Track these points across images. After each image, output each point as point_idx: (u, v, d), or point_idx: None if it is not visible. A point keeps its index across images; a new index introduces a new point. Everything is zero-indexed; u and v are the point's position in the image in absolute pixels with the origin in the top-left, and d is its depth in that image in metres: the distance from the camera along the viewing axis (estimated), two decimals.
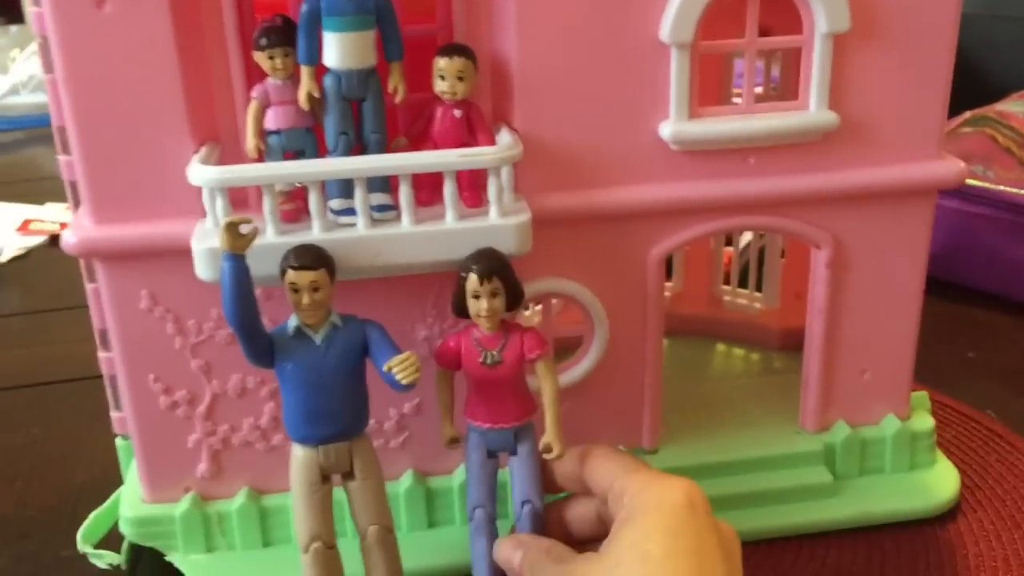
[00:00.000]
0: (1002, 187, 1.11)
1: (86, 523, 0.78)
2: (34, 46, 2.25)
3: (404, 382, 0.60)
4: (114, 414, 0.79)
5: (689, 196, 0.71)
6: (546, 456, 0.65)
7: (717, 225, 0.73)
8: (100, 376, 0.77)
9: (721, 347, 0.99)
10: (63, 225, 1.47)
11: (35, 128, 2.11)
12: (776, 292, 0.96)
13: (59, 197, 1.59)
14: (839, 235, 0.73)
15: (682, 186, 0.71)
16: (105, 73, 0.64)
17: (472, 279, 0.63)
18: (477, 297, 0.63)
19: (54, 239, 1.44)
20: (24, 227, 1.47)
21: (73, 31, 0.62)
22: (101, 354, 0.76)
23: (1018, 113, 1.33)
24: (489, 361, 0.64)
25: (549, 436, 0.65)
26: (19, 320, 1.22)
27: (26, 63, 2.20)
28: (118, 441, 0.81)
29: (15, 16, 2.66)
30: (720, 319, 0.99)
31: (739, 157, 0.71)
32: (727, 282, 1.00)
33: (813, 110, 0.69)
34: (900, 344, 0.78)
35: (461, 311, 0.64)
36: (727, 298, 0.99)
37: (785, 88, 0.86)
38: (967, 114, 1.34)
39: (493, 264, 0.63)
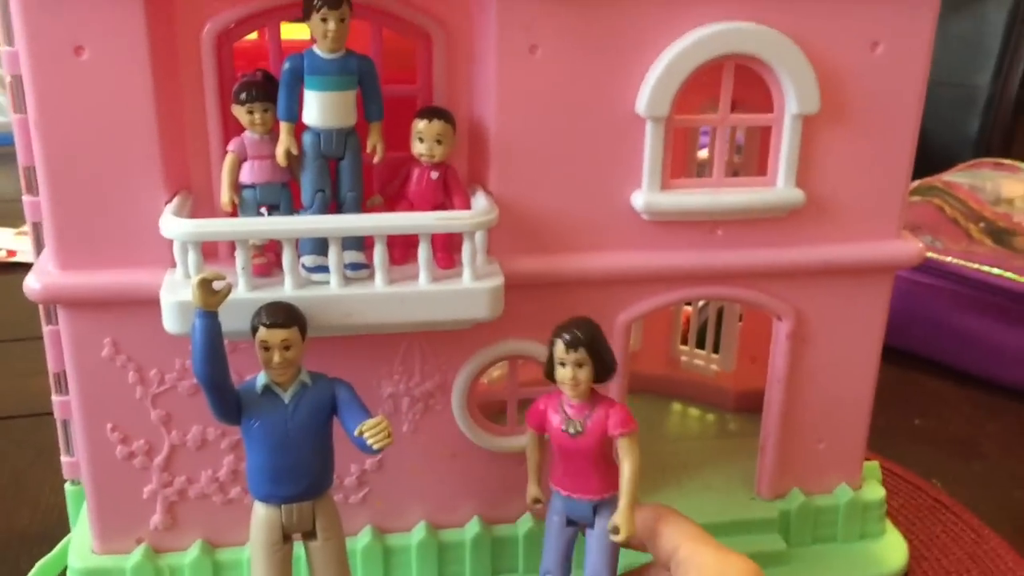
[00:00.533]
0: (950, 259, 1.15)
1: (32, 573, 0.76)
2: None
3: (375, 447, 0.59)
4: (65, 459, 0.77)
5: (658, 265, 0.72)
6: (612, 537, 0.63)
7: (684, 294, 0.74)
8: (47, 414, 0.75)
9: (677, 407, 1.00)
10: (11, 252, 1.43)
11: None
12: (733, 355, 0.97)
13: (7, 222, 1.56)
14: (800, 307, 0.75)
15: (651, 255, 0.72)
16: (80, 118, 0.63)
17: (559, 346, 0.62)
18: (563, 365, 0.63)
19: (2, 266, 1.41)
20: None
21: (50, 76, 0.62)
22: (55, 397, 0.74)
23: (964, 184, 1.38)
24: (572, 431, 0.64)
25: (619, 517, 0.63)
26: None
27: None
28: (67, 486, 0.79)
29: None
30: (677, 379, 1.00)
31: (707, 229, 0.72)
32: (685, 342, 1.02)
33: (780, 187, 0.71)
34: (855, 416, 0.80)
35: (549, 375, 0.64)
36: (684, 358, 1.01)
37: (749, 156, 0.88)
38: (915, 183, 1.38)
39: (581, 335, 0.62)
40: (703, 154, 0.98)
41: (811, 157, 0.71)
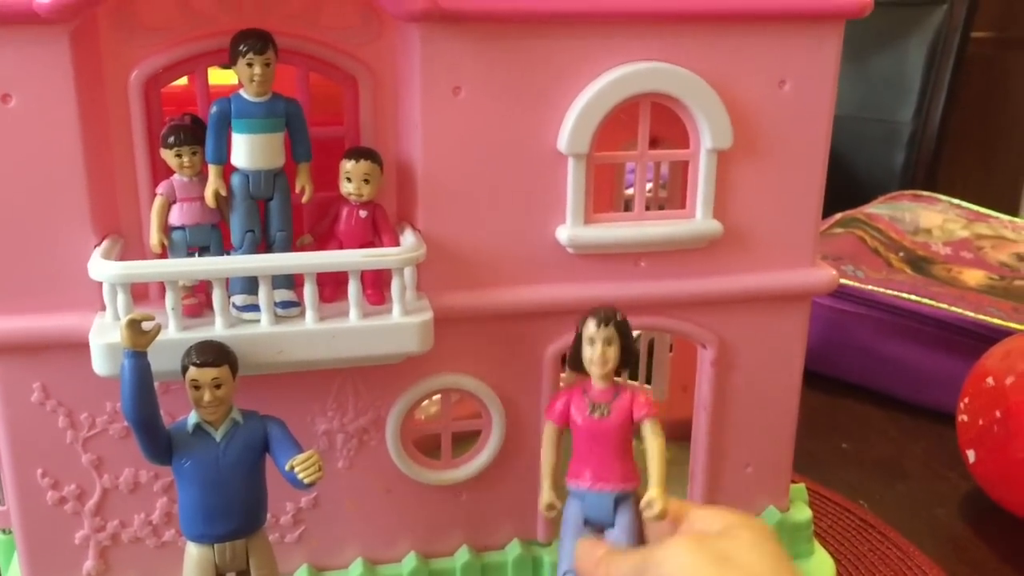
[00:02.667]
0: (871, 287, 1.19)
1: None
2: None
3: (307, 481, 0.60)
4: None
5: (584, 296, 0.74)
6: (647, 514, 0.64)
7: None
8: None
9: None
10: None
11: None
12: (665, 385, 1.00)
13: None
14: (723, 335, 0.78)
15: (577, 287, 0.74)
16: (7, 165, 0.63)
17: (590, 324, 0.66)
18: (592, 343, 0.65)
19: None
20: None
21: None
22: None
23: (884, 216, 1.43)
24: (598, 414, 0.66)
25: (653, 491, 0.64)
26: None
27: None
28: (0, 536, 0.78)
29: None
30: None
31: (631, 261, 0.75)
32: (618, 374, 1.03)
33: (699, 219, 0.74)
34: (780, 439, 0.82)
35: (574, 362, 0.67)
36: None
37: (672, 190, 0.91)
38: (838, 215, 1.43)
39: (612, 314, 0.66)
40: (631, 192, 1.00)
41: (727, 190, 0.74)
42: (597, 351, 0.66)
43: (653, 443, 0.66)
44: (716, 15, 0.70)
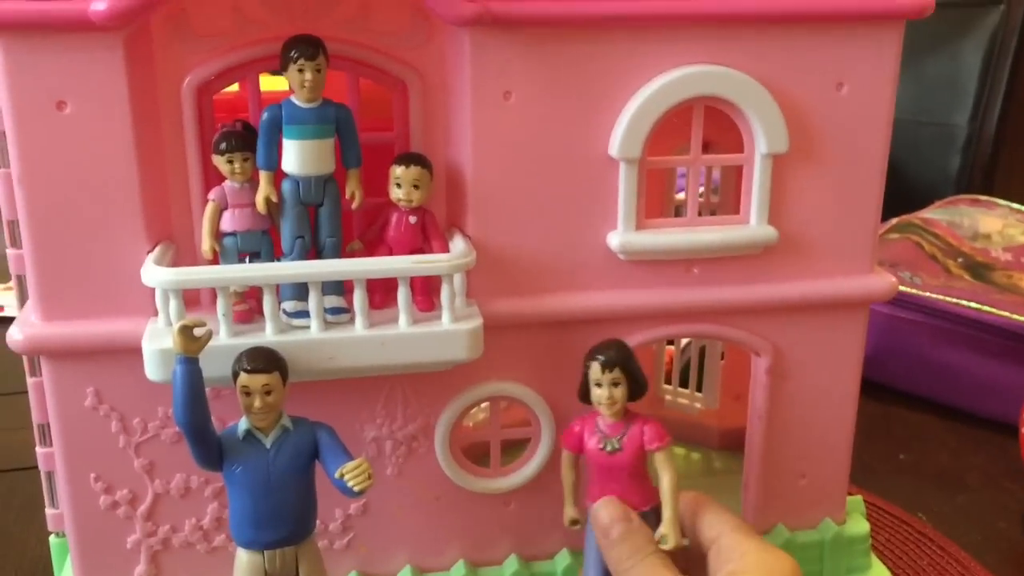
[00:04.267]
0: (928, 294, 1.16)
1: None
2: None
3: (356, 489, 0.60)
4: (49, 511, 0.77)
5: (635, 304, 0.73)
6: (661, 546, 0.65)
7: (662, 332, 0.75)
8: (31, 468, 0.75)
9: None
10: None
11: None
12: (716, 393, 0.98)
13: None
14: (778, 343, 0.76)
15: (628, 294, 0.73)
16: (63, 172, 0.64)
17: (595, 368, 0.66)
18: (599, 385, 0.66)
19: None
20: None
21: (33, 131, 0.63)
22: (39, 449, 0.74)
23: (942, 221, 1.40)
24: (609, 448, 0.67)
25: (666, 527, 0.65)
26: None
27: None
28: (52, 539, 0.79)
29: None
30: (661, 417, 0.99)
31: (683, 267, 0.73)
32: (668, 381, 1.02)
33: (753, 225, 0.72)
34: (836, 450, 0.80)
35: (584, 397, 0.68)
36: (668, 397, 1.01)
37: (725, 195, 0.90)
38: (894, 220, 1.40)
39: (616, 355, 0.66)
40: (681, 196, 0.99)
41: (782, 195, 0.72)
42: (604, 393, 0.66)
43: (665, 476, 0.66)
44: (771, 17, 0.68)
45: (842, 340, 0.77)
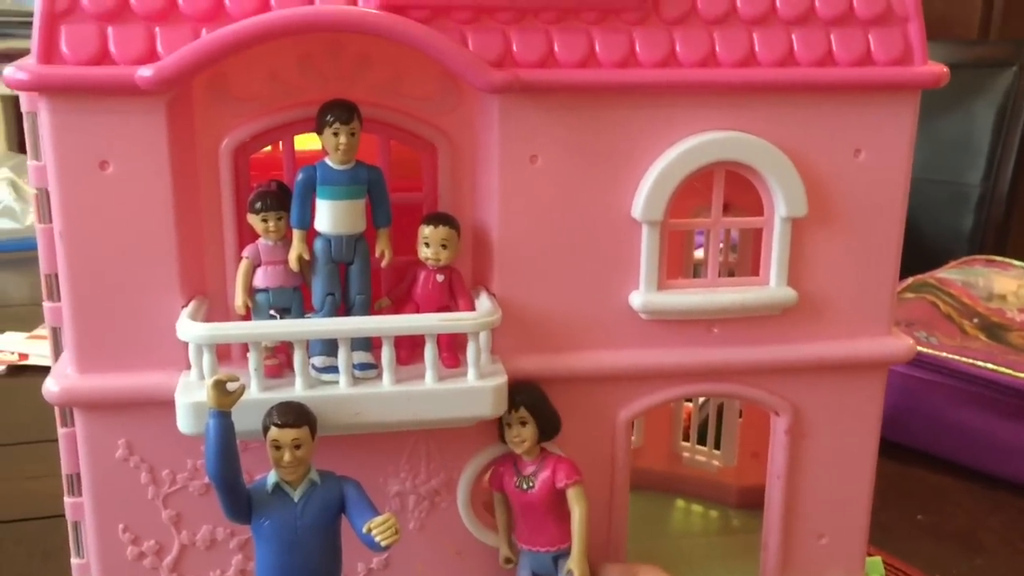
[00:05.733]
0: (945, 354, 1.17)
1: None
2: (3, 172, 2.27)
3: (383, 544, 0.61)
4: (75, 560, 0.78)
5: (656, 362, 0.74)
6: None
7: (683, 390, 0.76)
8: (56, 516, 0.76)
9: (680, 503, 1.00)
10: (22, 356, 1.46)
11: None
12: (734, 451, 0.98)
13: (19, 326, 1.58)
14: (797, 404, 0.77)
15: (650, 352, 0.74)
16: (103, 229, 0.66)
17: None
18: (509, 426, 0.70)
19: (13, 369, 1.43)
20: None
21: (76, 189, 0.65)
22: (68, 499, 0.75)
23: (957, 281, 1.40)
24: (524, 486, 0.71)
25: (572, 561, 0.70)
26: None
27: None
28: None
29: None
30: (679, 475, 1.01)
31: (704, 327, 0.75)
32: (686, 439, 1.03)
33: (773, 287, 0.74)
34: (856, 510, 0.81)
35: (502, 436, 0.71)
36: (686, 455, 1.02)
37: (743, 255, 0.91)
38: (909, 280, 1.41)
39: (523, 396, 0.69)
40: (699, 254, 1.01)
41: (802, 257, 0.74)
42: (513, 433, 0.70)
43: (575, 510, 0.70)
44: (791, 86, 0.70)
45: (861, 401, 0.78)
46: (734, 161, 0.71)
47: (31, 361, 1.44)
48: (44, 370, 1.33)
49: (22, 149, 2.56)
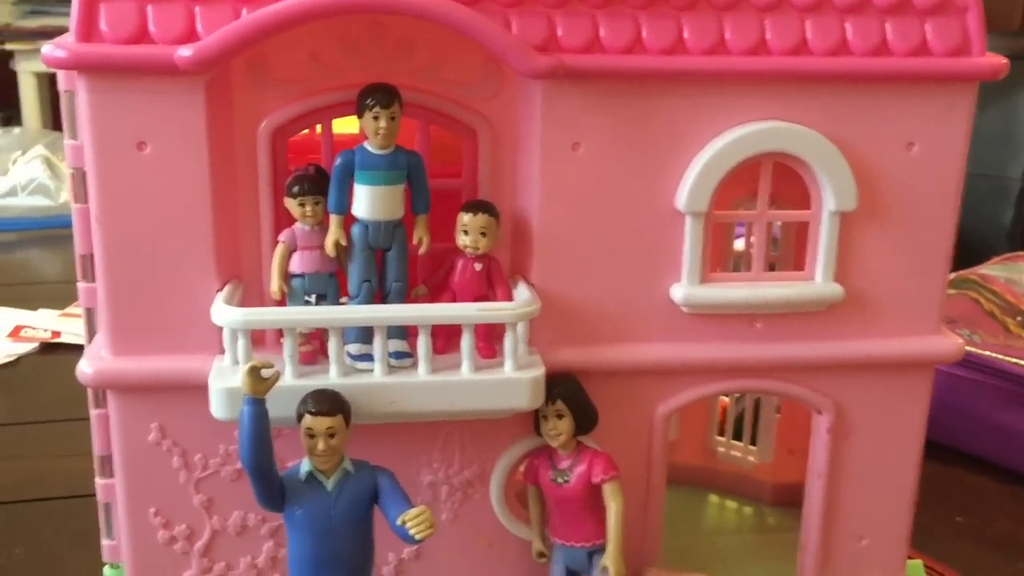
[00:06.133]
0: (988, 352, 1.14)
1: None
2: (37, 150, 2.28)
3: (418, 537, 0.60)
4: (105, 542, 0.78)
5: (696, 357, 0.73)
6: None
7: (723, 386, 0.74)
8: (86, 496, 0.76)
9: (714, 499, 0.99)
10: (55, 333, 1.46)
11: (28, 230, 2.12)
12: (770, 447, 0.97)
13: (52, 303, 1.59)
14: (840, 402, 0.75)
15: (690, 347, 0.73)
16: (139, 210, 0.65)
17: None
18: (545, 419, 0.68)
19: (45, 347, 1.44)
20: (15, 333, 1.46)
21: (113, 169, 0.64)
22: (99, 480, 0.75)
23: (1000, 277, 1.37)
24: (559, 480, 0.69)
25: (608, 558, 0.68)
26: (4, 432, 1.20)
27: (27, 166, 2.22)
28: (106, 570, 0.79)
29: (15, 117, 2.71)
30: (713, 470, 1.00)
31: (746, 322, 0.73)
32: (722, 433, 1.01)
33: (819, 282, 0.72)
34: (897, 512, 0.79)
35: (537, 429, 0.70)
36: (721, 450, 1.00)
37: (786, 249, 0.89)
38: (951, 276, 1.38)
39: (560, 389, 0.68)
40: (738, 245, 0.99)
41: (849, 252, 0.72)
42: (549, 425, 0.69)
43: (611, 506, 0.69)
44: (844, 76, 0.68)
45: (906, 400, 0.76)
46: (783, 152, 0.69)
47: (63, 339, 1.45)
48: (76, 348, 1.35)
49: (56, 127, 2.58)
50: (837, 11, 0.68)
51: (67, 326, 1.48)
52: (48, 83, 2.69)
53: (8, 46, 2.65)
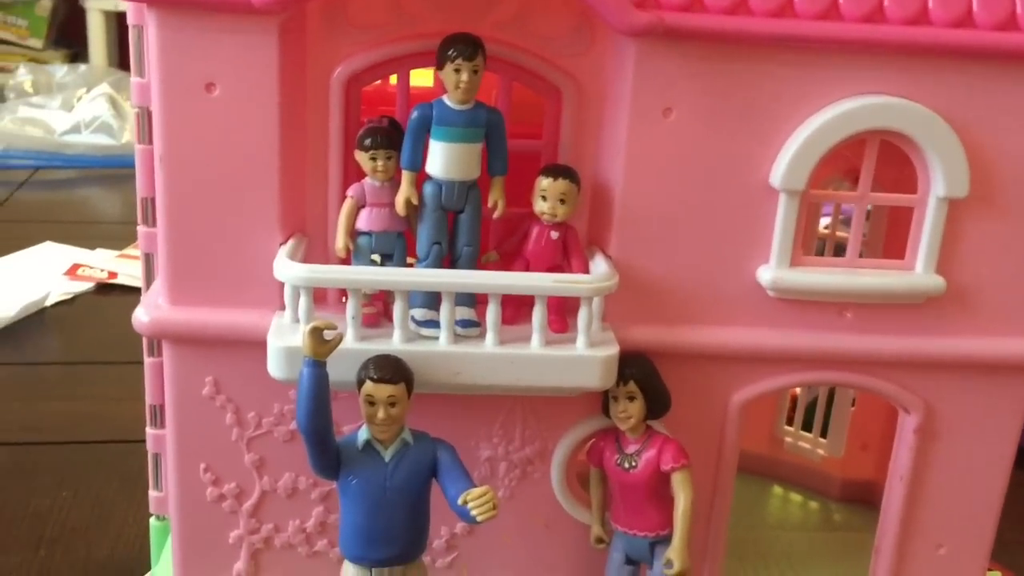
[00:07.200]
0: None
1: None
2: (102, 88, 2.28)
3: (480, 519, 0.56)
4: (153, 493, 0.76)
5: (780, 344, 0.68)
6: (666, 571, 0.65)
7: (806, 377, 0.70)
8: (136, 441, 0.74)
9: (778, 490, 0.95)
10: (112, 274, 1.46)
11: (90, 168, 2.12)
12: (842, 441, 0.92)
13: (110, 243, 1.59)
14: (931, 402, 0.70)
15: (774, 333, 0.68)
16: (205, 155, 0.62)
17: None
18: (615, 399, 0.65)
19: (101, 287, 1.43)
20: (72, 272, 1.46)
21: (180, 110, 0.61)
22: (149, 430, 0.73)
23: None
24: (626, 465, 0.66)
25: (673, 551, 0.65)
26: (57, 370, 1.20)
27: (91, 104, 2.22)
28: (152, 521, 0.78)
29: (82, 55, 2.71)
30: (779, 460, 0.96)
31: (836, 310, 0.68)
32: (790, 423, 0.97)
33: (919, 272, 0.67)
34: (981, 522, 0.74)
35: (606, 411, 0.67)
36: (788, 439, 0.96)
37: (875, 235, 0.84)
38: None
39: (633, 370, 0.64)
40: (824, 225, 0.94)
41: (955, 243, 0.67)
42: (619, 407, 0.65)
43: (680, 497, 0.65)
44: (965, 50, 0.63)
45: (1002, 405, 0.71)
46: (892, 130, 0.64)
47: (120, 280, 1.44)
48: (132, 290, 1.34)
49: (122, 66, 2.58)
50: None
51: (124, 267, 1.47)
52: (116, 22, 2.68)
53: None
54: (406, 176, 0.63)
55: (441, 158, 0.62)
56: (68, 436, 1.04)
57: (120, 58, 2.70)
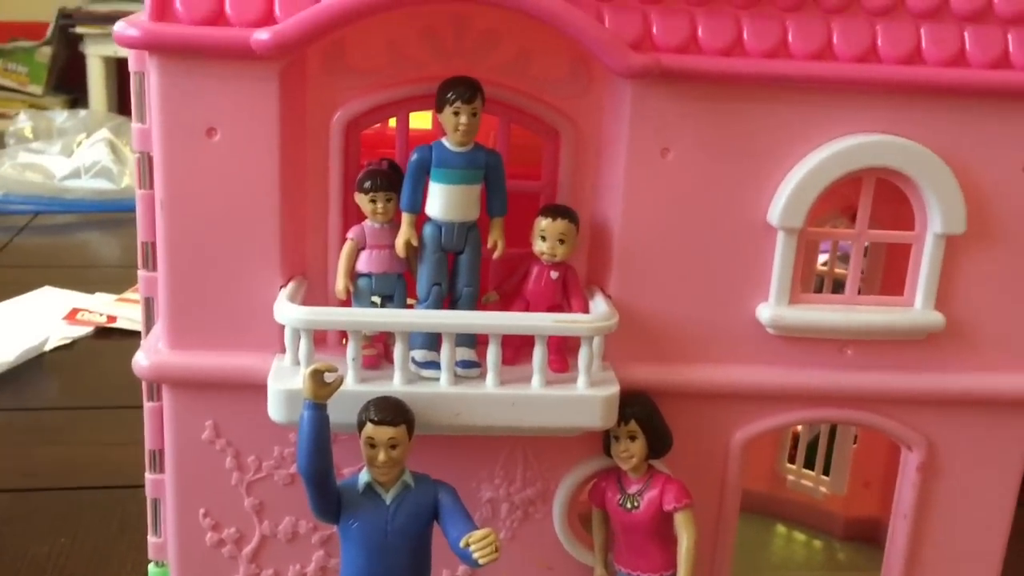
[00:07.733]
0: None
1: None
2: (102, 133, 2.29)
3: (482, 562, 0.56)
4: (152, 538, 0.75)
5: (780, 382, 0.68)
6: None
7: (806, 414, 0.70)
8: (135, 487, 0.73)
9: (781, 529, 0.94)
10: (111, 318, 1.45)
11: (89, 213, 2.12)
12: (844, 478, 0.91)
13: (109, 287, 1.58)
14: (933, 439, 0.70)
15: (774, 371, 0.68)
16: (206, 198, 0.63)
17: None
18: (616, 438, 0.65)
19: (100, 331, 1.43)
20: (71, 316, 1.45)
21: (181, 155, 0.62)
22: (148, 475, 0.73)
23: None
24: (628, 505, 0.65)
25: None
26: (55, 415, 1.19)
27: (91, 149, 2.23)
28: (151, 568, 0.77)
29: (82, 100, 2.73)
30: (781, 499, 0.95)
31: (836, 347, 0.68)
32: (792, 460, 0.96)
33: (919, 309, 0.67)
34: (986, 561, 0.74)
35: (607, 450, 0.66)
36: (791, 477, 0.95)
37: (873, 272, 0.84)
38: None
39: (633, 409, 0.64)
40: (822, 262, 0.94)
41: (953, 279, 0.67)
42: (620, 447, 0.65)
43: (683, 537, 0.65)
44: (959, 89, 0.63)
45: (1005, 441, 0.71)
46: (888, 168, 0.64)
47: (119, 324, 1.44)
48: (131, 334, 1.33)
49: (122, 112, 2.60)
50: (955, 19, 0.63)
51: (123, 311, 1.47)
52: (116, 68, 2.71)
53: (78, 29, 2.68)
54: (406, 218, 0.63)
55: (440, 200, 0.63)
56: (66, 482, 1.03)
57: (119, 103, 2.72)
